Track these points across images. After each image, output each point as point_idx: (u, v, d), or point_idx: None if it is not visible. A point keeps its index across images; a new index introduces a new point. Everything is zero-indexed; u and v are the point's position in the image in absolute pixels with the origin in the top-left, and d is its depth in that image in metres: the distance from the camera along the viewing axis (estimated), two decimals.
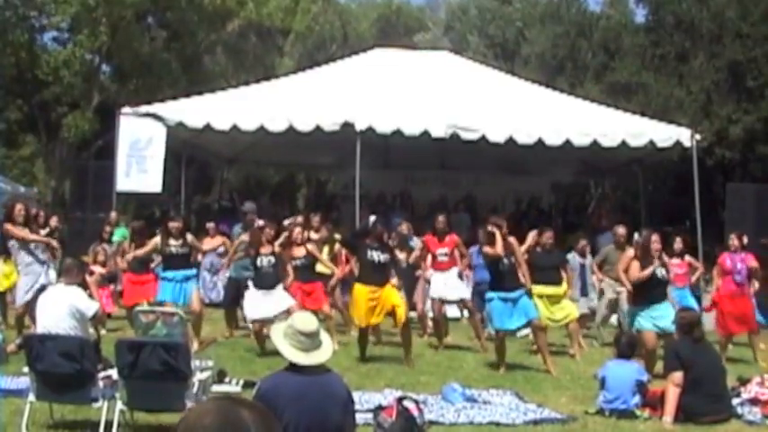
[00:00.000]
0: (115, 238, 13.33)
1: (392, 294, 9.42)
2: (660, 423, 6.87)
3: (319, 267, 11.02)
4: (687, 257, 11.69)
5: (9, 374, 7.50)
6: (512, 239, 9.40)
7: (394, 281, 9.70)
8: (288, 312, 9.27)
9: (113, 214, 14.14)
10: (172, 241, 10.24)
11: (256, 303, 9.79)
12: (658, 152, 15.40)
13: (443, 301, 10.86)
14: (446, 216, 11.39)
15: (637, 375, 7.24)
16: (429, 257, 11.04)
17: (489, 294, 9.38)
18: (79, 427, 6.20)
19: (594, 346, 11.12)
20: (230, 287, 11.62)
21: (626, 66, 22.78)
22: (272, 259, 9.93)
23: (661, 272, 8.76)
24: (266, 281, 9.87)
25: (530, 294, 9.42)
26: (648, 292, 8.68)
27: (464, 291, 10.94)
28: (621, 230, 11.59)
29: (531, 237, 10.31)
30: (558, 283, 10.24)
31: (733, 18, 20.60)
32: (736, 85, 20.60)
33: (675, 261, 10.83)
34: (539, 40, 26.22)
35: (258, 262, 9.95)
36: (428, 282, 11.24)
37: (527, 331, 10.67)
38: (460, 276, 11.18)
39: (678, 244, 11.33)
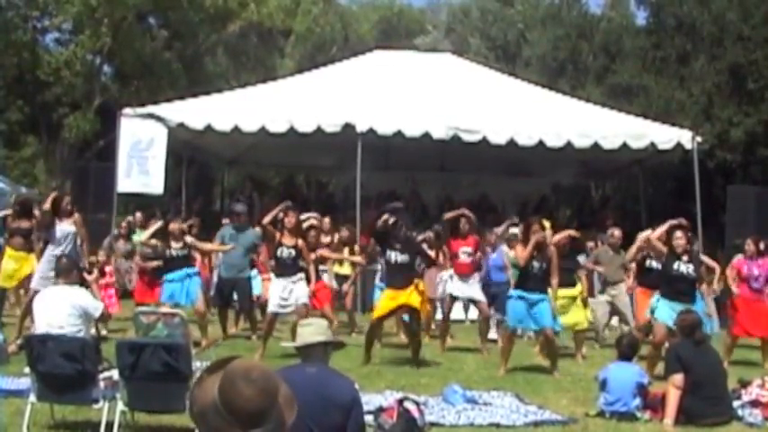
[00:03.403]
0: (136, 238, 13.33)
1: (413, 297, 9.28)
2: (661, 425, 6.86)
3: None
4: (704, 258, 11.52)
5: (10, 375, 7.50)
6: (553, 248, 9.31)
7: (417, 281, 9.51)
8: (296, 313, 9.29)
9: (138, 214, 14.91)
10: (173, 243, 10.22)
11: (276, 296, 9.56)
12: (659, 154, 15.42)
13: (455, 299, 10.88)
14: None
15: (638, 378, 7.23)
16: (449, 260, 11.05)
17: (511, 292, 9.35)
18: (80, 428, 6.20)
19: (595, 348, 11.11)
20: (222, 287, 11.20)
21: (627, 68, 22.76)
22: (293, 252, 9.54)
23: (687, 268, 8.73)
24: (286, 270, 9.56)
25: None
26: (672, 286, 8.73)
27: (480, 293, 10.79)
28: (617, 233, 11.54)
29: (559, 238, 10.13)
30: (570, 284, 10.13)
31: (734, 20, 20.57)
32: (738, 88, 20.56)
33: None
34: (540, 42, 26.21)
35: (278, 252, 9.60)
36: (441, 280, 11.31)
37: (529, 333, 10.65)
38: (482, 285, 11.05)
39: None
